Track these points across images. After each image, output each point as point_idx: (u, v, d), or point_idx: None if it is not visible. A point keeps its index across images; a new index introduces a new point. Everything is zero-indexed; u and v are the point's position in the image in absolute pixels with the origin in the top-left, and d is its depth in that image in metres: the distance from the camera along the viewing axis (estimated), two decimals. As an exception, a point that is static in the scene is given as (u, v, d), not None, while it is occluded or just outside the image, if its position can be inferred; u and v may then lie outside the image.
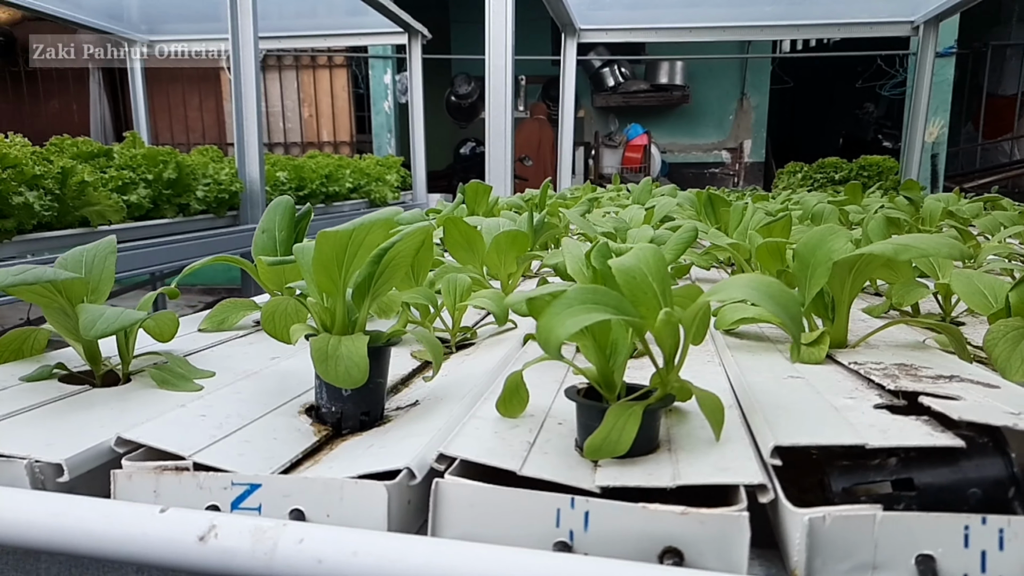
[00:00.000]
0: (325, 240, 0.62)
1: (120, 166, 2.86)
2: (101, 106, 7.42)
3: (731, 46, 8.96)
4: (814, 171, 5.23)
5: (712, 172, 9.74)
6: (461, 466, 0.55)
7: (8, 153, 2.22)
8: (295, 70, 7.31)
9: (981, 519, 0.46)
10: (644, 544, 0.49)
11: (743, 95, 9.56)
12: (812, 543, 0.47)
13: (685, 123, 9.65)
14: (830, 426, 0.55)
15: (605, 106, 9.44)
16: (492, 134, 3.12)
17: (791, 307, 0.54)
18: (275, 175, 3.76)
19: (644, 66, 9.41)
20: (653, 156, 8.86)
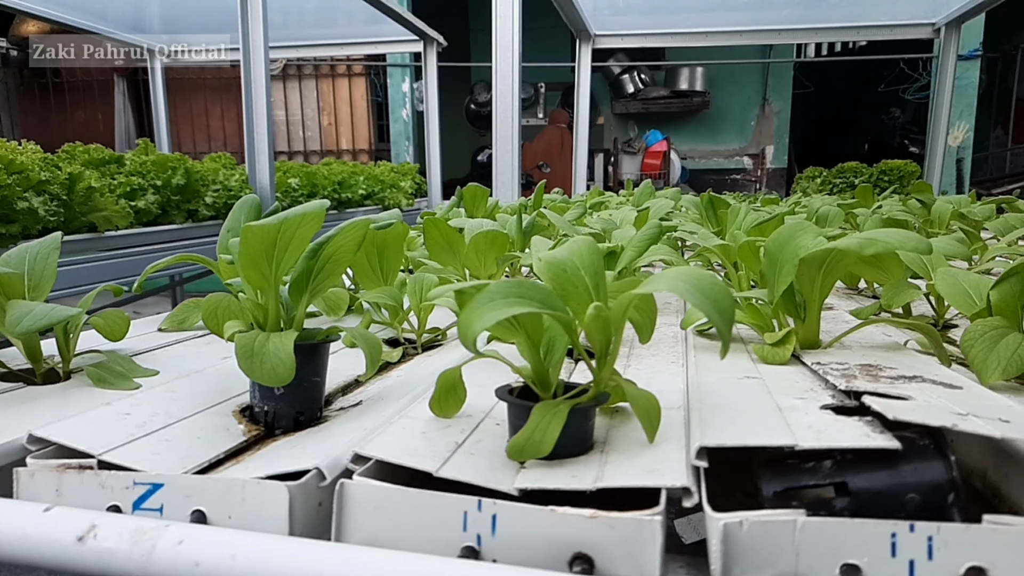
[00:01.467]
0: (251, 234, 0.60)
1: (130, 172, 2.88)
2: (125, 115, 7.55)
3: (752, 51, 8.89)
4: (833, 176, 5.15)
5: (734, 178, 9.65)
6: (376, 467, 0.53)
7: (14, 159, 2.24)
8: (315, 79, 7.38)
9: (909, 526, 0.43)
10: (553, 550, 0.46)
11: (765, 100, 9.47)
12: (728, 550, 0.44)
13: (706, 129, 9.58)
14: (765, 427, 0.52)
15: (624, 112, 9.40)
16: (499, 140, 3.10)
17: (721, 301, 0.51)
18: (287, 182, 3.78)
19: (664, 72, 9.36)
20: (673, 162, 8.80)
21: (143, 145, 3.29)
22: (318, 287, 0.68)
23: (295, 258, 0.65)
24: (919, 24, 4.77)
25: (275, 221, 0.60)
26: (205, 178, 3.08)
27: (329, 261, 0.69)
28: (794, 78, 9.24)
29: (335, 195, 4.12)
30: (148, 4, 5.73)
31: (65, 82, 7.73)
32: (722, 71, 9.16)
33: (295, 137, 7.41)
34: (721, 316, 0.51)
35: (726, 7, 5.18)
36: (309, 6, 5.62)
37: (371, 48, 5.58)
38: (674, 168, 8.87)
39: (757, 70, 9.26)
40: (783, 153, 9.53)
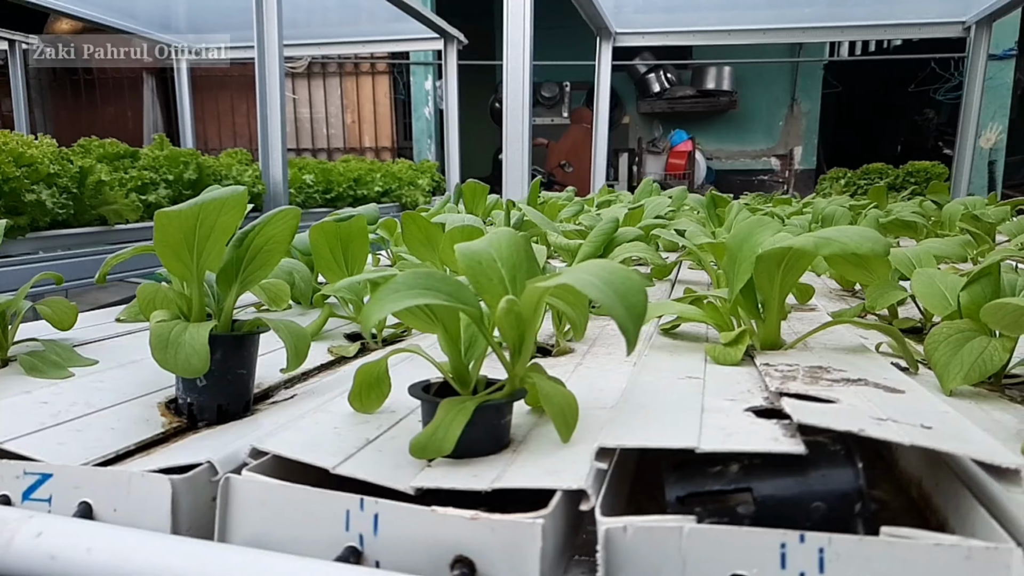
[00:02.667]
0: (167, 220, 0.59)
1: (143, 167, 2.92)
2: (154, 112, 7.66)
3: (781, 51, 8.75)
4: (858, 177, 5.05)
5: (761, 179, 9.52)
6: (273, 463, 0.51)
7: (24, 152, 2.28)
8: (339, 77, 7.42)
9: (799, 537, 0.40)
10: (435, 552, 0.44)
11: (794, 100, 9.33)
12: (612, 556, 0.42)
13: (733, 129, 9.46)
14: (676, 428, 0.50)
15: (650, 112, 9.32)
16: (509, 138, 3.08)
17: (631, 297, 0.49)
18: (301, 178, 3.80)
19: (691, 71, 9.26)
20: (698, 162, 8.71)
21: (159, 140, 3.33)
22: (249, 278, 0.67)
23: (220, 247, 0.64)
24: (948, 23, 4.66)
25: (191, 207, 0.59)
26: (217, 173, 3.11)
27: (261, 251, 0.68)
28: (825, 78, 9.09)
29: (351, 192, 4.13)
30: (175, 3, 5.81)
31: (96, 79, 7.86)
32: (750, 70, 9.03)
33: (319, 134, 7.46)
34: (628, 312, 0.49)
35: (749, 5, 5.10)
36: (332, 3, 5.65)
37: (392, 46, 5.59)
38: (699, 168, 8.78)
39: (786, 70, 9.12)
40: (811, 154, 9.37)
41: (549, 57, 8.14)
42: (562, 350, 0.86)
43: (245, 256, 0.66)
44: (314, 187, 3.83)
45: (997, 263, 0.79)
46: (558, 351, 0.86)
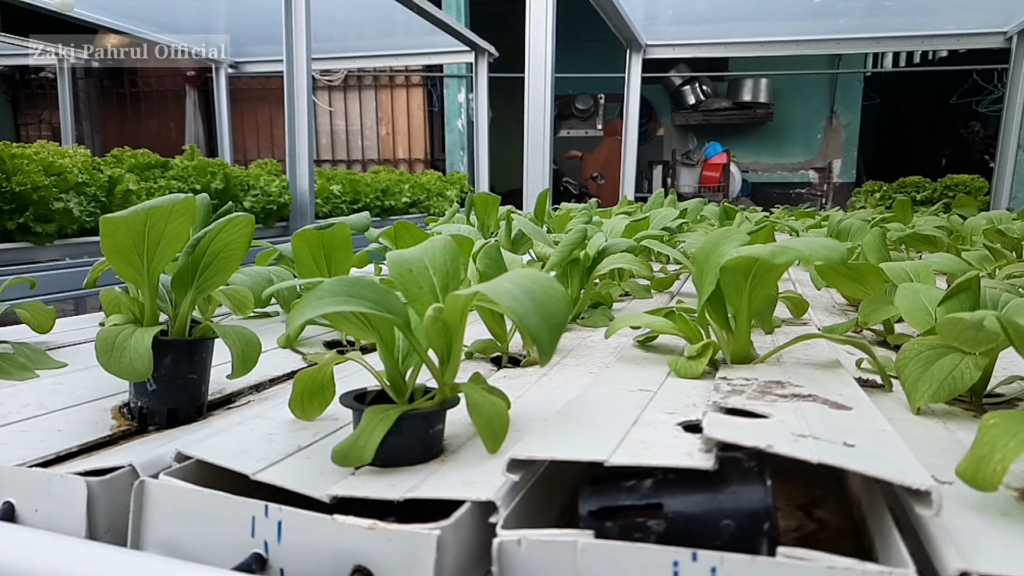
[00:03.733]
0: (113, 226, 0.60)
1: (172, 177, 2.99)
2: (195, 123, 7.85)
3: (820, 62, 8.63)
4: (894, 190, 4.94)
5: (798, 192, 9.37)
6: (197, 468, 0.51)
7: (53, 162, 2.35)
8: (374, 89, 7.52)
9: (692, 555, 0.39)
10: (335, 560, 0.44)
11: (832, 113, 9.18)
12: (506, 570, 0.41)
13: (769, 141, 9.35)
14: (595, 441, 0.49)
15: (685, 124, 9.26)
16: (530, 150, 3.09)
17: (550, 307, 0.48)
18: (329, 188, 3.85)
19: (727, 83, 9.18)
20: (733, 175, 8.61)
21: (190, 151, 3.41)
22: (205, 284, 0.68)
23: (171, 253, 0.65)
24: (989, 33, 4.54)
25: (138, 213, 0.60)
26: (244, 183, 3.16)
27: (217, 258, 0.68)
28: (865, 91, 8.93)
29: (378, 202, 4.18)
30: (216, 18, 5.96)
31: (141, 92, 8.10)
32: (787, 82, 8.92)
33: (354, 146, 7.57)
34: (545, 322, 0.48)
35: (783, 16, 5.04)
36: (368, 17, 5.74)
37: (424, 59, 5.65)
38: (734, 181, 8.68)
39: (824, 82, 8.98)
40: (851, 167, 9.21)
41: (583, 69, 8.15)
42: (531, 361, 0.85)
43: (200, 262, 0.67)
44: (341, 197, 3.87)
45: (975, 278, 0.77)
46: (527, 362, 0.85)
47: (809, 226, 2.26)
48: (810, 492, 0.60)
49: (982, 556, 0.39)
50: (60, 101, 6.01)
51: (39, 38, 6.09)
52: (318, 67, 6.74)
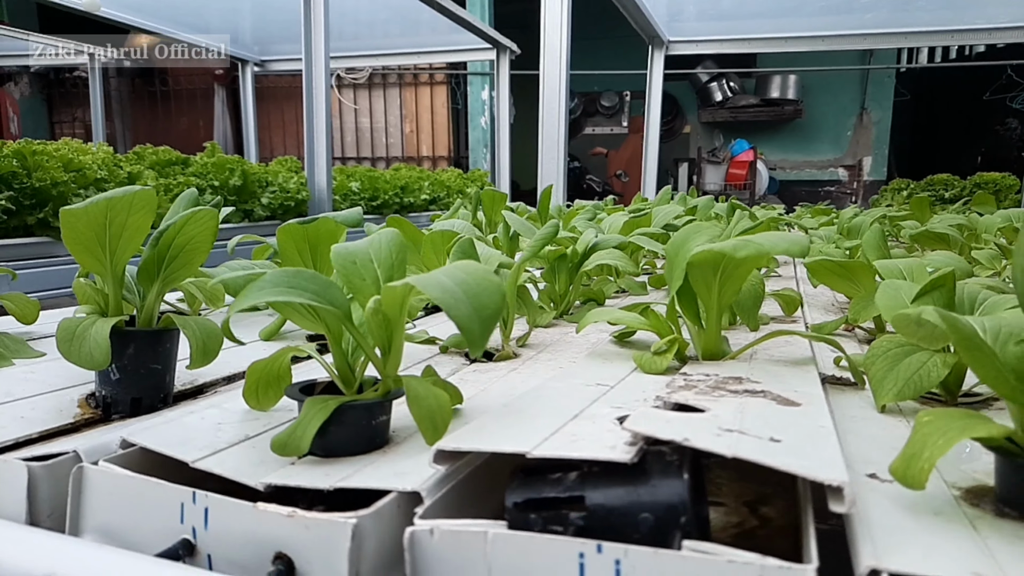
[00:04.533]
0: (73, 218, 0.61)
1: (191, 173, 3.03)
2: (224, 122, 7.96)
3: (850, 58, 8.50)
4: (921, 188, 4.84)
5: (827, 190, 9.24)
6: (140, 455, 0.52)
7: (73, 159, 2.40)
8: (398, 87, 7.56)
9: (597, 547, 0.39)
10: (258, 547, 0.44)
11: (863, 109, 9.03)
12: (419, 560, 0.42)
13: (798, 139, 9.22)
14: (526, 434, 0.49)
15: (711, 121, 9.18)
16: (545, 147, 3.08)
17: (483, 297, 0.48)
18: (347, 185, 3.88)
19: (754, 80, 9.08)
20: (759, 173, 8.52)
21: (210, 148, 3.45)
22: (171, 276, 0.69)
23: (134, 245, 0.66)
24: (1020, 27, 4.43)
25: (98, 204, 0.61)
26: (262, 180, 3.20)
27: (183, 251, 0.69)
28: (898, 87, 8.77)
29: (397, 199, 4.20)
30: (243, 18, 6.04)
31: (171, 90, 8.23)
32: (817, 78, 8.79)
33: (378, 144, 7.62)
34: (477, 314, 0.48)
35: (809, 12, 4.97)
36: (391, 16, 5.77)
37: (446, 56, 5.67)
38: (761, 179, 8.58)
39: (855, 78, 8.84)
40: (882, 165, 9.05)
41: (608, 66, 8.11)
42: (504, 355, 0.86)
43: (167, 255, 0.68)
44: (360, 194, 3.90)
45: (950, 274, 0.75)
46: (500, 356, 0.85)
47: (822, 224, 2.23)
48: (762, 490, 0.60)
49: (897, 555, 0.38)
50: (91, 99, 6.13)
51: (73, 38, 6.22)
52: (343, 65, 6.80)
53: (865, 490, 0.48)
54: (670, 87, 9.09)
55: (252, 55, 6.17)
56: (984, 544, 0.40)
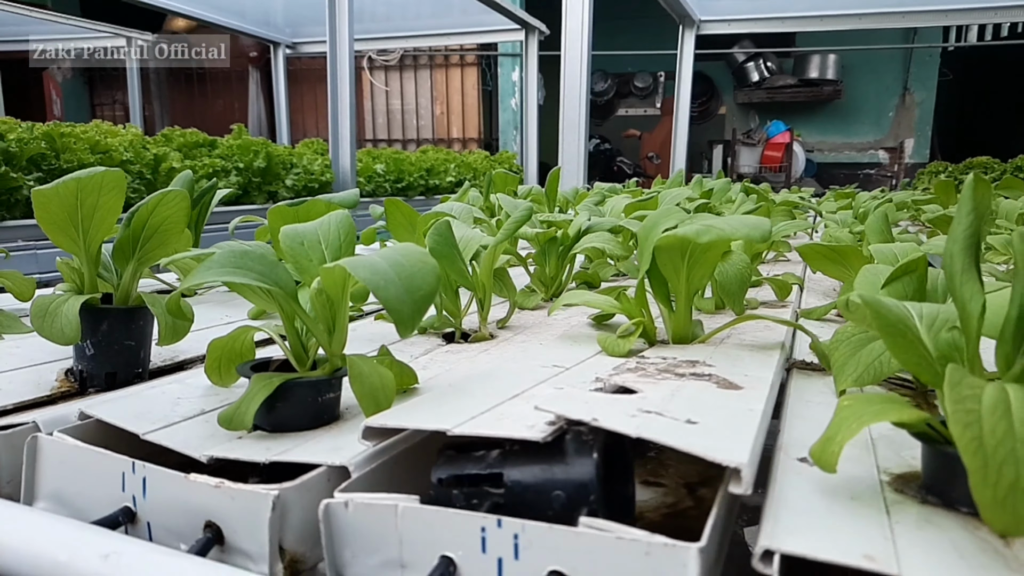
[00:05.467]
0: (45, 198, 0.64)
1: (217, 155, 3.09)
2: (258, 103, 8.06)
3: (893, 36, 8.26)
4: (960, 171, 4.71)
5: (867, 173, 9.03)
6: (96, 426, 0.55)
7: (100, 141, 2.46)
8: (429, 69, 7.57)
9: (497, 522, 0.40)
10: (190, 517, 0.46)
11: (906, 90, 8.79)
12: (335, 532, 0.43)
13: (837, 120, 9.02)
14: (456, 413, 0.50)
15: (747, 102, 9.02)
16: (565, 129, 3.07)
17: (417, 279, 0.49)
18: (372, 167, 3.91)
19: (792, 60, 8.88)
20: (796, 155, 8.36)
21: (237, 130, 3.50)
22: (147, 256, 0.71)
23: (107, 224, 0.68)
24: (1068, 3, 4.27)
25: (67, 184, 0.64)
26: (286, 162, 3.25)
27: (157, 231, 0.72)
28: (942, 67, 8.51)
29: (422, 181, 4.22)
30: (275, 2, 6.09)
31: (207, 73, 8.35)
32: (858, 58, 8.57)
33: (409, 125, 7.64)
34: (409, 296, 0.49)
35: (845, -11, 4.84)
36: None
37: (474, 37, 5.66)
38: (797, 161, 8.42)
39: (897, 57, 8.60)
40: (924, 147, 8.81)
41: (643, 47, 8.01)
42: (480, 336, 0.87)
43: (141, 235, 0.71)
44: (384, 176, 3.93)
45: (921, 258, 0.74)
46: (475, 337, 0.86)
47: (840, 208, 2.19)
48: (708, 472, 0.60)
49: (794, 537, 0.39)
50: (128, 82, 6.26)
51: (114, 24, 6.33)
52: (375, 47, 6.82)
53: (791, 473, 0.48)
54: (705, 67, 8.95)
55: (284, 37, 6.22)
56: (890, 529, 0.40)
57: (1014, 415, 0.38)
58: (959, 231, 0.47)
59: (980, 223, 0.47)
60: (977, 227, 0.47)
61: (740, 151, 8.39)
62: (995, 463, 0.35)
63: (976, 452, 0.36)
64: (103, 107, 8.71)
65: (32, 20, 6.12)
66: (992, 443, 0.36)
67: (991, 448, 0.36)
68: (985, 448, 0.36)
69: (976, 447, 0.36)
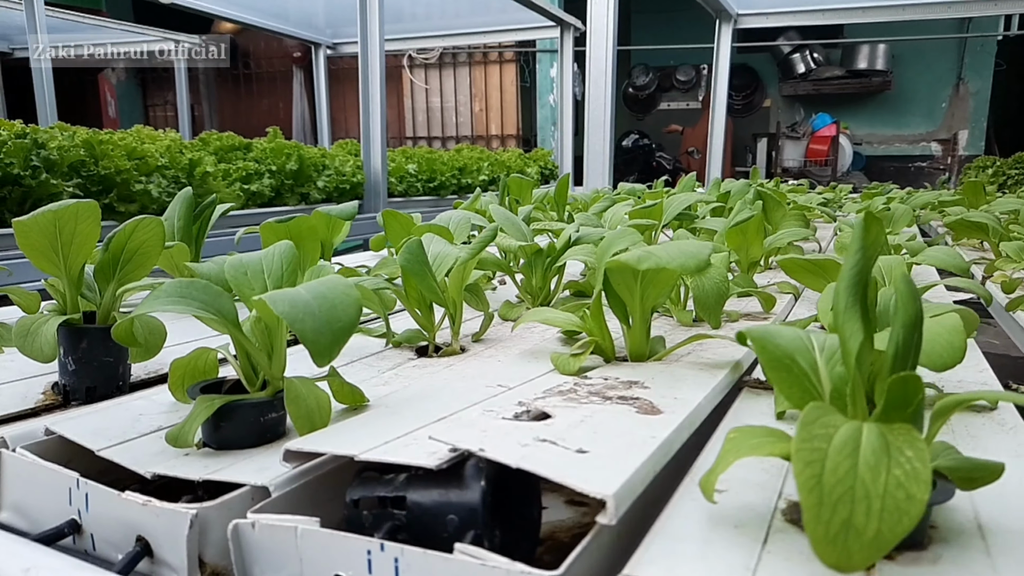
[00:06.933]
0: (26, 228, 0.69)
1: (251, 159, 3.18)
2: (302, 102, 8.22)
3: (946, 25, 8.00)
4: (1008, 166, 4.57)
5: (918, 166, 8.79)
6: (59, 442, 0.59)
7: (136, 147, 2.57)
8: (468, 66, 7.62)
9: (380, 545, 0.43)
10: (124, 530, 0.51)
11: (960, 80, 8.52)
12: (243, 551, 0.47)
13: (887, 112, 8.79)
14: (374, 437, 0.53)
15: (793, 94, 8.86)
16: (591, 128, 3.07)
17: (338, 311, 0.52)
18: (404, 167, 3.97)
19: (840, 50, 8.68)
20: (843, 148, 8.18)
21: (272, 133, 3.60)
22: (126, 277, 0.76)
23: (86, 250, 0.73)
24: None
25: (48, 215, 0.69)
26: (318, 164, 3.32)
27: (135, 254, 0.77)
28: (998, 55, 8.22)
29: (454, 180, 4.27)
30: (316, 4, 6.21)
31: (253, 74, 8.55)
32: (908, 48, 8.33)
33: (448, 123, 7.71)
34: (330, 327, 0.52)
35: (889, -21, 4.72)
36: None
37: (508, 35, 5.68)
38: (844, 154, 8.24)
39: (951, 46, 8.33)
40: (979, 139, 8.54)
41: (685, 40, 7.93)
42: (450, 351, 0.90)
43: (120, 258, 0.76)
44: (416, 176, 3.99)
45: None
46: (445, 352, 0.90)
47: (859, 210, 2.16)
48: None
49: (655, 564, 0.41)
50: (176, 84, 6.46)
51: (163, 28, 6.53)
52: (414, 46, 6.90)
53: (688, 499, 0.50)
54: (749, 59, 8.82)
55: (325, 38, 6.34)
56: (758, 559, 0.42)
57: (861, 455, 0.39)
58: (846, 269, 0.48)
59: (869, 262, 0.48)
60: (865, 266, 0.48)
61: (784, 145, 8.24)
62: (830, 501, 0.37)
63: (812, 490, 0.37)
64: (155, 108, 9.00)
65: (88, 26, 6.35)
66: (831, 481, 0.38)
67: (829, 486, 0.37)
68: (823, 486, 0.37)
69: (813, 484, 0.37)
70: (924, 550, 0.44)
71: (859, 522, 0.37)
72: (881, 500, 0.37)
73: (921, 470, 0.38)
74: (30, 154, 2.24)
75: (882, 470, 0.38)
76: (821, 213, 2.21)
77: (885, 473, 0.38)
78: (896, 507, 0.37)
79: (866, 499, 0.37)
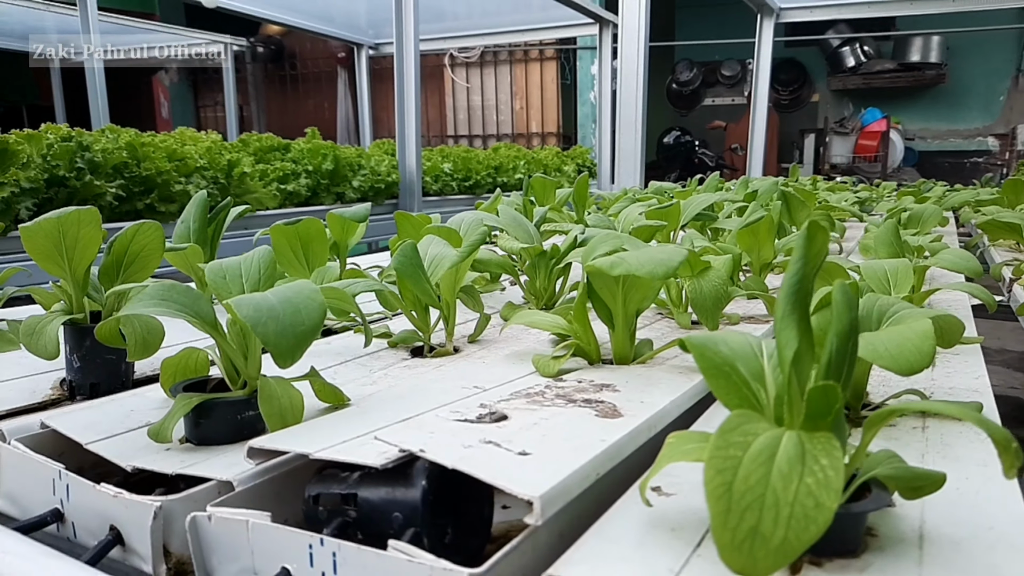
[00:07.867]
0: (31, 234, 0.73)
1: (289, 159, 3.26)
2: (346, 103, 8.35)
3: (1005, 16, 7.72)
4: (1063, 162, 4.39)
5: (974, 162, 8.51)
6: (52, 436, 0.63)
7: (177, 149, 2.65)
8: (509, 64, 7.64)
9: (320, 540, 0.45)
10: (99, 520, 0.54)
11: (1019, 72, 8.22)
12: (202, 542, 0.49)
13: (941, 106, 8.53)
14: (335, 436, 0.55)
15: (842, 89, 8.65)
16: (622, 126, 3.06)
17: (302, 315, 0.55)
18: (440, 166, 4.01)
19: (892, 43, 8.45)
20: (893, 143, 7.97)
21: (311, 133, 3.67)
22: (129, 278, 0.80)
23: (90, 253, 0.77)
24: None
25: (51, 221, 0.73)
26: (353, 164, 3.38)
27: (138, 256, 0.80)
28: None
29: (490, 179, 4.29)
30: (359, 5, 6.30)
31: (299, 74, 8.72)
32: (964, 40, 8.06)
33: (489, 121, 7.75)
34: (293, 330, 0.55)
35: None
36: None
37: (547, 32, 5.69)
38: (895, 150, 8.02)
39: (1010, 37, 8.04)
40: (1039, 133, 8.21)
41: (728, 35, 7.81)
42: (443, 351, 0.92)
43: (123, 260, 0.80)
44: (452, 175, 4.03)
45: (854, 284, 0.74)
46: (437, 352, 0.92)
47: (891, 209, 2.11)
48: (600, 493, 0.63)
49: (582, 564, 0.42)
50: (224, 85, 6.62)
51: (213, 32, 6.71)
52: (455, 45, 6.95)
53: (631, 502, 0.51)
54: (797, 53, 8.65)
55: (367, 39, 6.43)
56: (684, 561, 0.43)
57: (775, 463, 0.40)
58: (787, 278, 0.48)
59: (811, 272, 0.49)
60: (805, 275, 0.48)
61: (832, 140, 8.07)
62: (739, 509, 0.38)
63: (721, 497, 0.38)
64: (206, 108, 9.25)
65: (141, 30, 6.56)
66: (742, 489, 0.38)
67: (739, 494, 0.38)
68: (732, 493, 0.38)
69: (722, 492, 0.38)
70: (855, 558, 0.45)
71: (766, 529, 0.38)
72: (790, 507, 0.38)
73: (833, 478, 0.39)
74: (75, 156, 2.34)
75: (795, 478, 0.39)
76: (852, 213, 2.17)
77: (797, 481, 0.39)
78: (804, 515, 0.38)
79: (775, 507, 0.38)
